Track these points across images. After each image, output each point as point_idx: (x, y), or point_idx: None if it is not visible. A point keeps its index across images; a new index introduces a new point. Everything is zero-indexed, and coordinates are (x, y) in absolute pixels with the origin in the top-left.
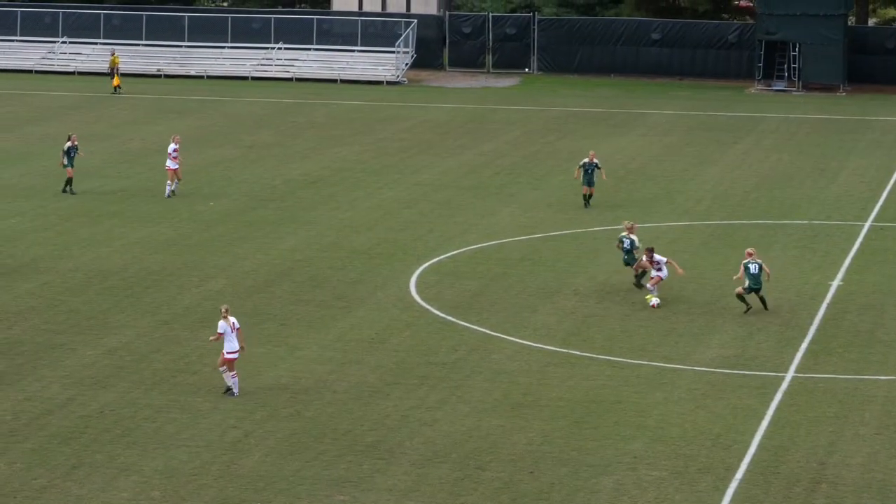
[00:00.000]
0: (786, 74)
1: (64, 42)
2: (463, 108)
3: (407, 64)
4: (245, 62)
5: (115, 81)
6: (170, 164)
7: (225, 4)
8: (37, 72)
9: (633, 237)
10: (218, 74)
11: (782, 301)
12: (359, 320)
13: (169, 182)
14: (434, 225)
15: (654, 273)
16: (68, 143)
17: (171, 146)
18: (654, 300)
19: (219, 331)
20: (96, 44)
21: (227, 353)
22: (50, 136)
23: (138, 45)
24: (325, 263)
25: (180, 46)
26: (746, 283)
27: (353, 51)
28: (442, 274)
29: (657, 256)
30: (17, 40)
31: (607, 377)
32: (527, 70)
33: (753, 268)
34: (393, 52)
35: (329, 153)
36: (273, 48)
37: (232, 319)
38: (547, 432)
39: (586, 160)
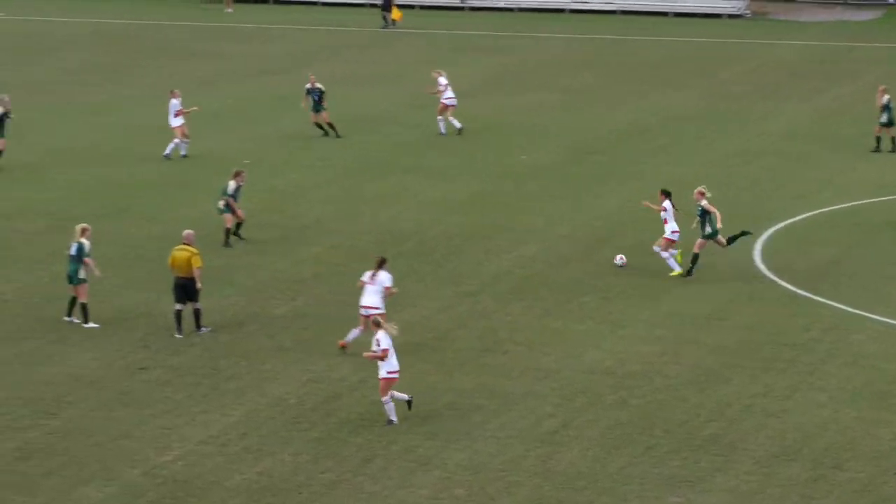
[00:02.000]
0: None
1: None
2: (815, 45)
3: None
4: None
5: (395, 15)
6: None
7: None
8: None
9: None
10: (530, 7)
11: None
12: (694, 293)
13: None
14: (783, 182)
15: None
16: (308, 85)
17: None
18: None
19: (383, 346)
20: None
21: (389, 372)
22: (335, 77)
23: None
24: (653, 226)
25: None
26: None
27: None
28: (792, 240)
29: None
30: None
31: None
32: (891, 0)
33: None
34: None
35: (659, 98)
36: None
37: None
38: None
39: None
